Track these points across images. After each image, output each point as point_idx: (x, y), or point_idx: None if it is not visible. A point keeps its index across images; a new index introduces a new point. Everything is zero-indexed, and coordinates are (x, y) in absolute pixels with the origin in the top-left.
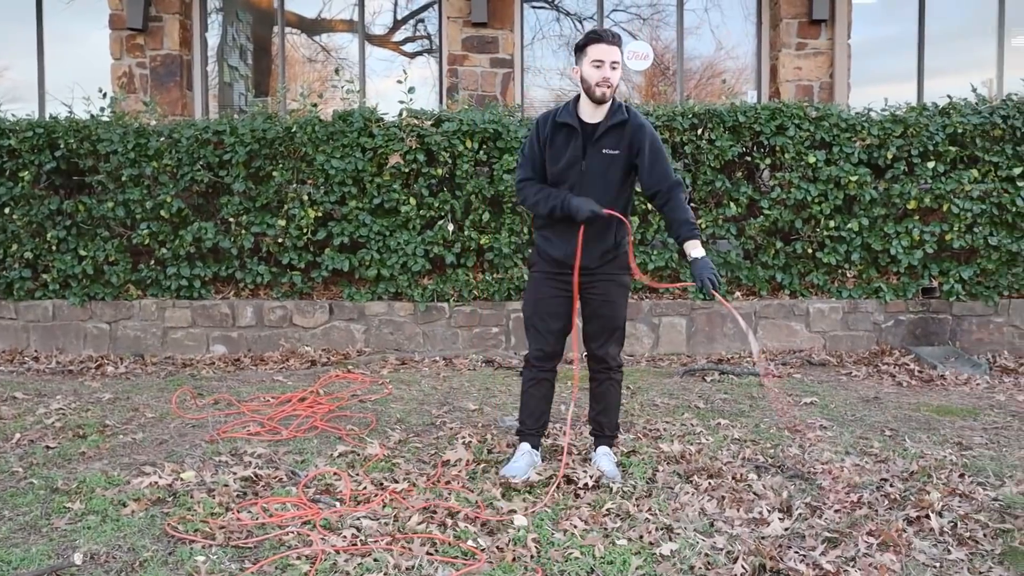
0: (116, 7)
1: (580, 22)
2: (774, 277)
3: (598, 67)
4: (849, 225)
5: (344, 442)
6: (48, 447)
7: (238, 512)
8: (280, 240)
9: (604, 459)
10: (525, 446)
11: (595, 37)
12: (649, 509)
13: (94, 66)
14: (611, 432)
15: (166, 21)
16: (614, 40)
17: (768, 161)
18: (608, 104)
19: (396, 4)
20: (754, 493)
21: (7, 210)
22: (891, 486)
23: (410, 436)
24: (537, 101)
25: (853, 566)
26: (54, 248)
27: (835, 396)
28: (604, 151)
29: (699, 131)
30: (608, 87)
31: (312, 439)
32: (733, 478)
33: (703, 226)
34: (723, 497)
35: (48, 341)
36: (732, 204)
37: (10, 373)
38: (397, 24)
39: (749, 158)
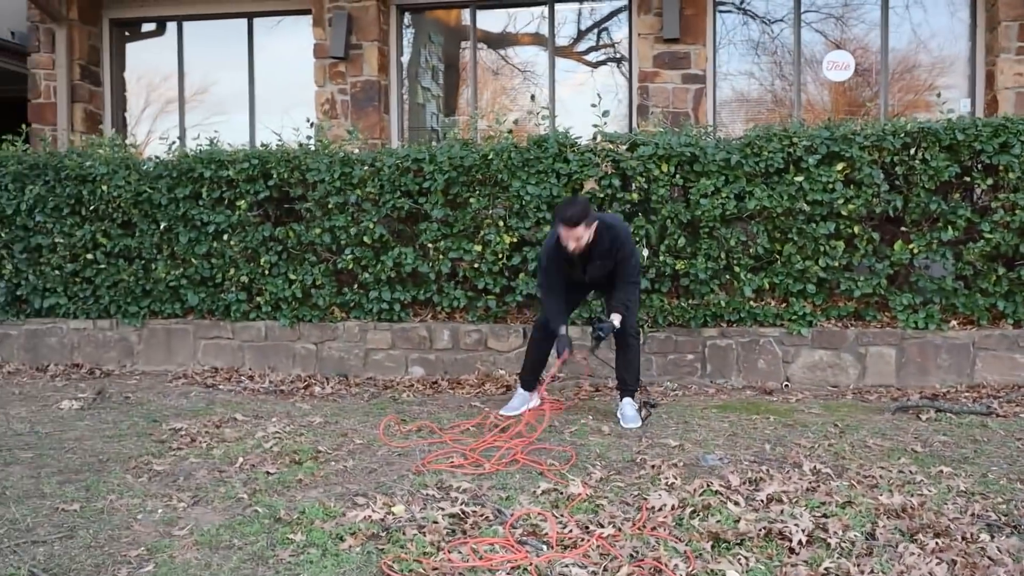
0: (320, 37)
1: (770, 24)
2: (995, 305)
3: (565, 239)
4: None
5: (546, 478)
6: (268, 472)
7: (449, 552)
8: (476, 265)
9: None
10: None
11: (559, 219)
12: (871, 570)
13: (299, 83)
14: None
15: (365, 49)
16: (570, 223)
17: (989, 181)
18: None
19: (580, 14)
20: (988, 558)
21: (225, 236)
22: None
23: (611, 474)
24: (726, 117)
25: None
26: (267, 272)
27: None
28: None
29: (912, 151)
30: (575, 249)
31: (514, 473)
32: (963, 538)
33: (915, 250)
34: (954, 561)
35: (261, 360)
36: (948, 227)
37: (229, 392)
38: (580, 34)
39: (967, 178)
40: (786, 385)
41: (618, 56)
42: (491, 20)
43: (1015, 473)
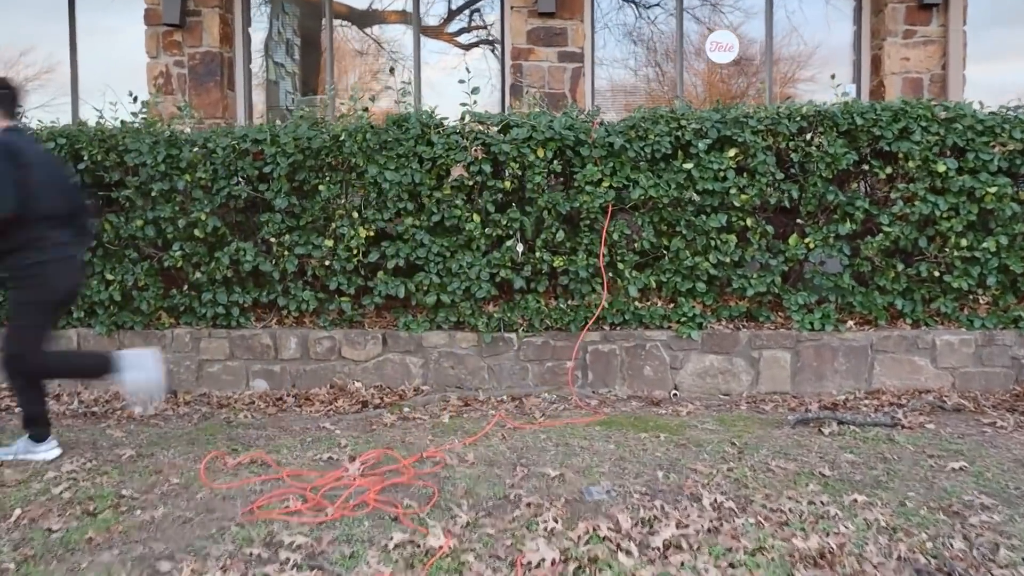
0: (152, 1)
1: (648, 8)
2: (893, 304)
3: None
4: (984, 244)
5: (401, 525)
6: (50, 530)
7: None
8: (327, 262)
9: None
10: None
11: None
12: None
13: (130, 62)
14: None
15: (205, 16)
16: None
17: (888, 170)
18: None
19: None
20: None
21: None
22: None
23: (480, 516)
24: (608, 102)
25: None
26: None
27: (987, 458)
28: None
29: (808, 136)
30: None
31: (363, 519)
32: None
33: (811, 245)
34: None
35: None
36: (846, 220)
37: None
38: (452, 14)
39: (866, 166)
40: (675, 394)
41: (491, 39)
42: None
43: (935, 500)
